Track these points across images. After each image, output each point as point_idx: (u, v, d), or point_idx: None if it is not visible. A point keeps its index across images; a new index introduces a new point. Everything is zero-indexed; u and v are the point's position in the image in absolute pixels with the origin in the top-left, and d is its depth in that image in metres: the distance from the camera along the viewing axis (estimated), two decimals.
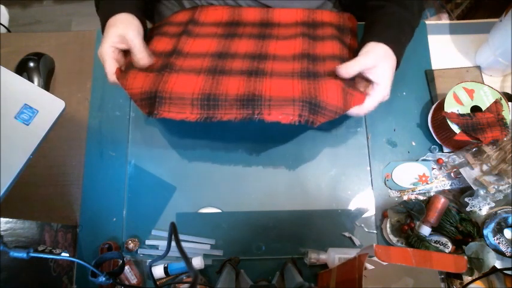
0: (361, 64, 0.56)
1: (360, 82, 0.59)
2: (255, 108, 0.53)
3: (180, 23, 0.68)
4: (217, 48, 0.62)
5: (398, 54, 0.59)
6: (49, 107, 0.50)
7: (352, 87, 0.57)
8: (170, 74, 0.56)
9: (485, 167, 0.61)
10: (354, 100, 0.56)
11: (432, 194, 0.65)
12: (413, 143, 0.68)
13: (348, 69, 0.56)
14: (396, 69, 0.59)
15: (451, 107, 0.62)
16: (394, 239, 0.62)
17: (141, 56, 0.57)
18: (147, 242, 0.63)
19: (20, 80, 0.49)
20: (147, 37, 0.65)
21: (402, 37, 0.61)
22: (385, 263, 0.51)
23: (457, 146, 0.65)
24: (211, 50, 0.61)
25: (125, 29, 0.57)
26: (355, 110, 0.57)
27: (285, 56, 0.60)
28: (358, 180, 0.67)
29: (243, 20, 0.68)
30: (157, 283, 0.60)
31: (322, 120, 0.54)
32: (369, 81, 0.58)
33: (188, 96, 0.54)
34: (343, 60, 0.58)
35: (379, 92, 0.57)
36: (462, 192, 0.64)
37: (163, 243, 0.63)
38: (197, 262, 0.60)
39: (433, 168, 0.65)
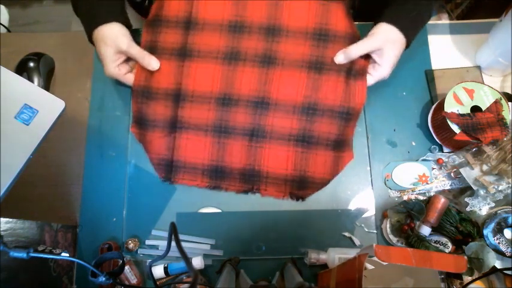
0: (366, 47, 0.60)
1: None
2: (254, 184, 0.63)
3: (177, 22, 0.63)
4: (221, 86, 0.62)
5: (410, 36, 0.60)
6: (49, 107, 0.50)
7: (341, 149, 0.63)
8: (181, 134, 0.62)
9: (485, 167, 0.61)
10: (342, 163, 0.63)
11: (432, 194, 0.65)
12: (413, 143, 0.68)
13: (350, 54, 0.60)
14: (406, 48, 0.62)
15: (451, 107, 0.62)
16: (394, 239, 0.62)
17: (146, 62, 0.62)
18: (147, 242, 0.63)
19: (20, 80, 0.49)
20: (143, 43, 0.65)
21: (416, 19, 0.61)
22: (385, 263, 0.51)
23: (457, 146, 0.65)
24: (215, 90, 0.62)
25: (117, 46, 0.60)
26: None
27: (286, 103, 0.62)
28: (358, 180, 0.66)
29: (248, 20, 0.62)
30: (157, 283, 0.60)
31: (309, 194, 0.63)
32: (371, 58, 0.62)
33: (199, 166, 0.62)
34: (342, 111, 0.61)
35: (379, 73, 0.61)
36: (462, 192, 0.64)
37: (163, 243, 0.63)
38: (197, 262, 0.60)
39: (433, 168, 0.65)
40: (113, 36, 0.60)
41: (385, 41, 0.59)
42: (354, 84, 0.62)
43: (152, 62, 0.62)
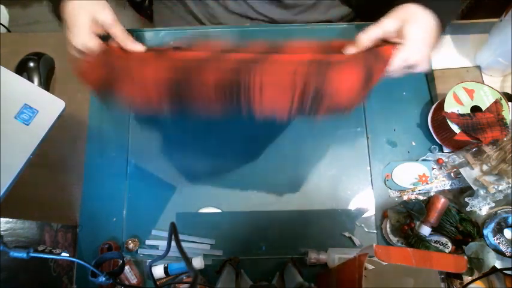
0: (380, 30, 0.50)
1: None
2: (239, 98, 0.45)
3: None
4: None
5: (437, 13, 0.50)
6: (49, 107, 0.50)
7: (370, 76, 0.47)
8: (136, 54, 0.48)
9: (485, 167, 0.61)
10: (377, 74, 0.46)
11: (432, 194, 0.65)
12: (413, 143, 0.68)
13: (362, 42, 0.49)
14: (442, 32, 0.52)
15: (451, 107, 0.62)
16: (394, 239, 0.62)
17: (131, 46, 0.51)
18: (147, 242, 0.63)
19: (20, 80, 0.49)
20: None
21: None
22: (385, 263, 0.51)
23: (457, 146, 0.65)
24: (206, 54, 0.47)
25: (97, 15, 0.50)
26: None
27: (291, 61, 0.46)
28: (358, 180, 0.67)
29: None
30: (157, 283, 0.60)
31: (324, 114, 0.45)
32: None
33: (152, 80, 0.46)
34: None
35: (402, 53, 0.49)
36: (462, 192, 0.64)
37: (163, 243, 0.63)
38: (197, 262, 0.60)
39: (433, 168, 0.65)
40: (93, 4, 0.51)
41: (401, 19, 0.50)
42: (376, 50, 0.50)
43: (137, 46, 0.51)
